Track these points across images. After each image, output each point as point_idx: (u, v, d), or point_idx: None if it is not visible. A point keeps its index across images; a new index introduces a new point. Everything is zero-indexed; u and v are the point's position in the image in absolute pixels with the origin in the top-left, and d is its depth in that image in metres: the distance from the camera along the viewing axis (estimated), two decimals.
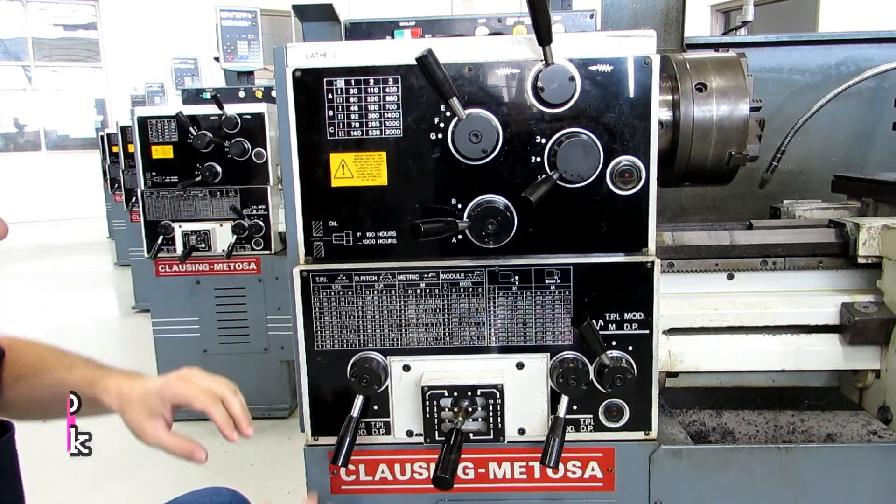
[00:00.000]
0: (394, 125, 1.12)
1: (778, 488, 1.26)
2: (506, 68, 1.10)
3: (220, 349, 3.48)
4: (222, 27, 4.03)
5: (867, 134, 2.00)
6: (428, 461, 1.22)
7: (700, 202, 2.05)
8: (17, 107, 12.85)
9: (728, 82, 1.28)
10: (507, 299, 1.16)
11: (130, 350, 5.08)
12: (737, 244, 1.40)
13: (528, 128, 1.11)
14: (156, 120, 3.22)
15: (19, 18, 12.43)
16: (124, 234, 6.69)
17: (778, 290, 1.41)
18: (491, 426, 1.14)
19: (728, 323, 1.37)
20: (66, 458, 1.10)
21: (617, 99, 1.10)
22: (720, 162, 1.29)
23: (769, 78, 1.98)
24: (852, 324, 1.30)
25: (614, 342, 1.17)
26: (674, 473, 1.17)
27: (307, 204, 1.16)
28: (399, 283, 1.16)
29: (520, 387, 1.17)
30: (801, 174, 2.02)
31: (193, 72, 7.52)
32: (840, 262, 1.39)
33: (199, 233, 3.27)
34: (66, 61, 13.00)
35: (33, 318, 6.23)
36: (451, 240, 1.15)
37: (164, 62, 8.22)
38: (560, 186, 1.11)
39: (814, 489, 1.26)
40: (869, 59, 1.92)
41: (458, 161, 1.12)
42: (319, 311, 1.17)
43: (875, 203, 1.60)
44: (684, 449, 1.19)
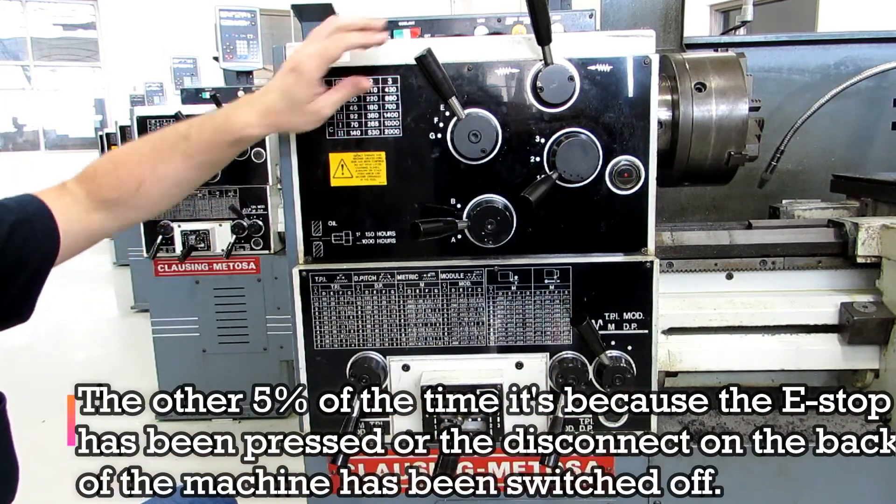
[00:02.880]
0: (393, 125, 1.12)
1: (778, 488, 1.26)
2: (505, 68, 1.10)
3: (219, 349, 3.48)
4: (221, 27, 4.03)
5: (866, 134, 2.00)
6: (427, 461, 1.22)
7: (699, 202, 2.05)
8: (15, 106, 12.82)
9: (727, 82, 1.27)
10: (507, 299, 1.16)
11: (130, 350, 5.08)
12: (736, 244, 1.40)
13: (527, 127, 1.11)
14: (155, 120, 3.22)
15: (18, 18, 12.41)
16: (123, 234, 6.67)
17: (777, 289, 1.41)
18: (490, 426, 1.14)
19: (727, 323, 1.37)
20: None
21: (616, 99, 1.10)
22: (719, 162, 1.29)
23: (768, 78, 1.98)
24: (851, 323, 1.30)
25: (613, 342, 1.17)
26: (673, 473, 1.17)
27: (306, 204, 1.16)
28: (398, 283, 1.16)
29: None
30: (800, 174, 2.02)
31: (193, 71, 7.51)
32: (839, 261, 1.39)
33: (198, 232, 3.27)
34: (65, 61, 12.98)
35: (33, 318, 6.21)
36: (451, 240, 1.15)
37: (163, 62, 8.21)
38: (559, 186, 1.11)
39: (813, 489, 1.26)
40: (868, 58, 1.92)
41: (457, 161, 1.12)
42: (319, 310, 1.17)
43: (874, 203, 1.60)
44: (684, 449, 1.19)
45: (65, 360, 4.90)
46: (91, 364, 4.82)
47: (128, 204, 1.08)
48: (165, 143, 1.08)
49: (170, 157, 1.07)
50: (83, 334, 5.59)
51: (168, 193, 1.11)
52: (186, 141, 1.06)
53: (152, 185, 1.07)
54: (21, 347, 5.06)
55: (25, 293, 1.00)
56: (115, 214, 1.09)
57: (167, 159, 1.07)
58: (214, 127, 1.06)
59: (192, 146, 1.06)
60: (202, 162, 1.09)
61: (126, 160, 1.09)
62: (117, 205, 1.08)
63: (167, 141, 1.08)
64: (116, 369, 4.66)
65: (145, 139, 1.11)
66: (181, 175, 1.09)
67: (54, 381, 4.11)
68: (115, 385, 1.12)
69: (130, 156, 1.09)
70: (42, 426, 3.37)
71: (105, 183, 1.07)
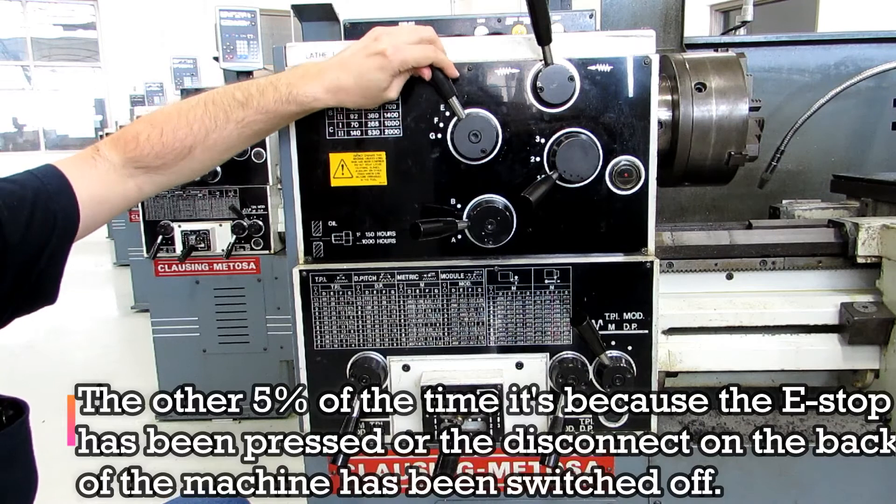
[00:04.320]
0: (393, 125, 1.12)
1: (778, 488, 1.26)
2: (505, 68, 1.10)
3: (219, 349, 3.48)
4: (221, 27, 4.02)
5: (866, 134, 2.00)
6: (427, 461, 1.22)
7: (699, 202, 2.05)
8: (16, 106, 12.82)
9: (727, 82, 1.28)
10: (507, 299, 1.16)
11: (130, 350, 5.09)
12: (736, 244, 1.40)
13: (527, 127, 1.11)
14: None
15: (18, 18, 12.41)
16: (123, 234, 6.69)
17: (777, 289, 1.41)
18: (490, 426, 1.14)
19: (727, 323, 1.37)
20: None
21: (616, 99, 1.10)
22: (719, 162, 1.29)
23: (768, 78, 1.98)
24: (851, 323, 1.30)
25: (614, 342, 1.17)
26: (673, 473, 1.17)
27: (306, 204, 1.16)
28: (398, 283, 1.16)
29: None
30: (800, 174, 2.02)
31: (192, 71, 7.52)
32: (839, 261, 1.39)
33: (198, 233, 3.26)
34: (66, 61, 12.97)
35: (32, 318, 6.21)
36: (451, 240, 1.15)
37: (163, 62, 8.21)
38: (559, 186, 1.11)
39: (813, 489, 1.26)
40: (868, 58, 1.93)
41: (457, 161, 1.12)
42: (319, 310, 1.17)
43: (874, 203, 1.60)
44: (684, 449, 1.18)
45: (65, 360, 4.90)
46: (91, 364, 4.81)
47: (171, 170, 1.05)
48: (219, 109, 1.04)
49: (224, 125, 1.04)
50: (83, 334, 5.59)
51: (217, 159, 1.09)
52: (244, 109, 1.03)
53: (202, 152, 1.05)
54: (21, 347, 5.06)
55: (51, 274, 0.98)
56: (156, 179, 1.06)
57: (221, 127, 1.04)
58: (278, 98, 1.03)
59: (251, 115, 1.04)
60: (258, 130, 1.06)
61: (174, 126, 1.03)
62: (159, 170, 1.05)
63: (221, 107, 1.04)
64: (116, 369, 4.67)
65: (194, 103, 1.05)
66: (233, 142, 1.06)
67: (54, 381, 4.11)
68: (115, 385, 1.12)
69: (179, 121, 1.04)
70: (42, 426, 3.36)
71: (149, 149, 1.03)
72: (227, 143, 1.06)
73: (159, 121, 1.04)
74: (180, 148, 1.03)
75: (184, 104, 1.06)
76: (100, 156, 1.03)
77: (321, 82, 1.04)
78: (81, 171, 1.01)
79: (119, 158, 1.03)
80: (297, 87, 1.03)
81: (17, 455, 0.99)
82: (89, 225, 1.01)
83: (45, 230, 0.94)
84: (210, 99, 1.05)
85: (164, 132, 1.03)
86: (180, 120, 1.04)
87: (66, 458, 1.09)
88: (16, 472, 0.99)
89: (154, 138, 1.03)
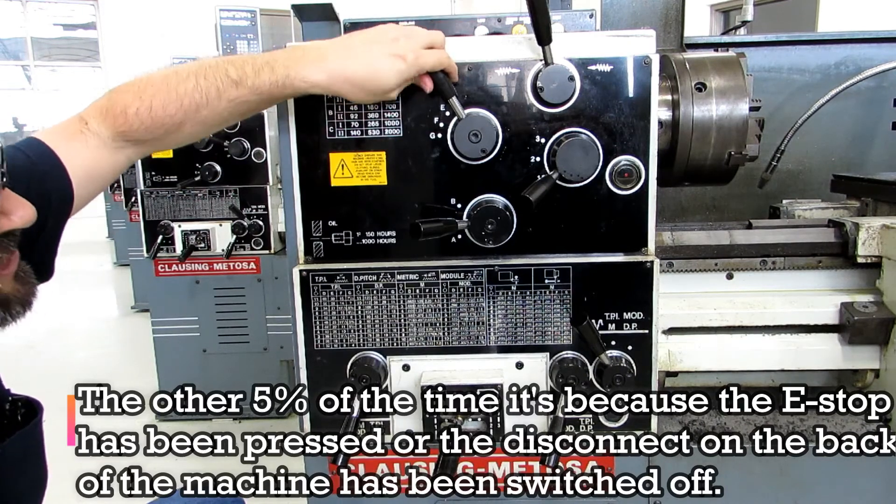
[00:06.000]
0: (393, 125, 1.12)
1: (778, 488, 1.26)
2: (505, 68, 1.10)
3: (219, 349, 3.48)
4: (222, 27, 4.03)
5: (866, 134, 2.00)
6: (427, 461, 1.22)
7: (699, 202, 2.05)
8: (16, 106, 12.83)
9: (727, 82, 1.28)
10: (507, 299, 1.16)
11: (130, 350, 5.09)
12: (736, 244, 1.40)
13: (527, 127, 1.11)
14: None
15: (18, 18, 12.42)
16: (124, 234, 6.68)
17: (777, 289, 1.41)
18: (490, 426, 1.14)
19: (727, 322, 1.37)
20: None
21: (616, 98, 1.10)
22: (719, 161, 1.29)
23: (768, 78, 1.98)
24: (851, 323, 1.30)
25: (614, 342, 1.17)
26: (673, 473, 1.17)
27: (307, 203, 1.16)
28: (398, 283, 1.16)
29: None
30: (800, 174, 2.02)
31: None
32: (839, 261, 1.39)
33: (198, 232, 3.27)
34: (66, 61, 12.98)
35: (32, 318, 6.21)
36: (451, 239, 1.15)
37: (163, 62, 8.22)
38: (559, 186, 1.11)
39: (813, 489, 1.26)
40: (868, 58, 1.93)
41: (457, 161, 1.12)
42: (319, 310, 1.17)
43: (874, 203, 1.60)
44: (684, 449, 1.18)
45: (65, 360, 4.90)
46: (91, 364, 4.81)
47: (160, 141, 1.05)
48: (212, 86, 1.01)
49: (216, 103, 1.01)
50: (83, 334, 5.59)
51: (207, 132, 1.08)
52: (237, 88, 1.01)
53: (192, 126, 1.03)
54: (21, 347, 5.06)
55: (47, 254, 0.98)
56: (143, 149, 1.06)
57: (213, 105, 1.01)
58: (274, 81, 1.00)
59: (244, 94, 1.01)
60: (251, 108, 1.05)
61: (164, 101, 1.00)
62: (148, 142, 1.04)
63: (214, 84, 1.01)
64: (116, 369, 4.66)
65: (184, 76, 1.01)
66: (224, 118, 1.05)
67: (54, 380, 4.11)
68: (115, 385, 1.12)
69: (169, 95, 1.01)
70: (43, 426, 3.36)
71: (138, 124, 1.01)
72: (217, 119, 1.05)
73: (148, 93, 1.01)
74: (170, 123, 1.02)
75: (172, 75, 1.02)
76: (89, 130, 1.02)
77: (322, 69, 1.01)
78: (71, 147, 1.00)
79: (108, 132, 1.02)
80: (295, 70, 1.01)
81: (32, 455, 1.00)
82: (83, 201, 1.01)
83: (40, 213, 0.91)
84: (202, 73, 1.01)
85: (153, 107, 1.01)
86: (170, 94, 1.01)
87: (66, 458, 1.09)
88: (30, 471, 0.99)
89: (143, 113, 1.01)
